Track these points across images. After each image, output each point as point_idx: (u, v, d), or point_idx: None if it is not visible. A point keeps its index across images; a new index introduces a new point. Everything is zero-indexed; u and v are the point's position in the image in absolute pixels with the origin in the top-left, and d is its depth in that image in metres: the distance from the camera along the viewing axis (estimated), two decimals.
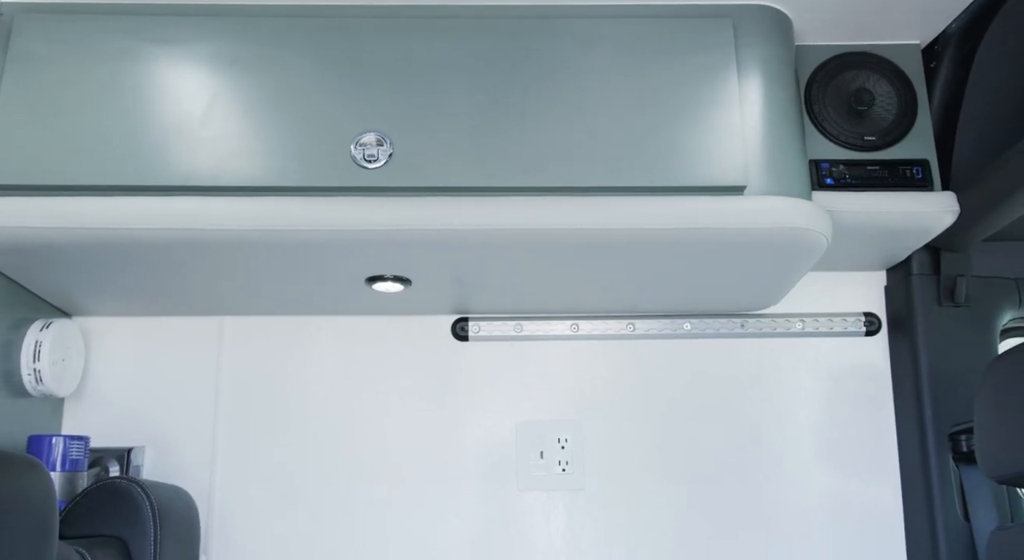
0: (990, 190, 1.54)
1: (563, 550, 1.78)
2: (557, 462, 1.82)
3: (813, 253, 1.53)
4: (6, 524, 0.92)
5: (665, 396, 1.86)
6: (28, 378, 1.65)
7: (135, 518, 1.36)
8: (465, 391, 1.86)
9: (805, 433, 1.83)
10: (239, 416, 1.84)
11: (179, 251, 1.50)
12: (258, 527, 1.78)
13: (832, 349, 1.87)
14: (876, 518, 1.78)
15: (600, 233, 1.44)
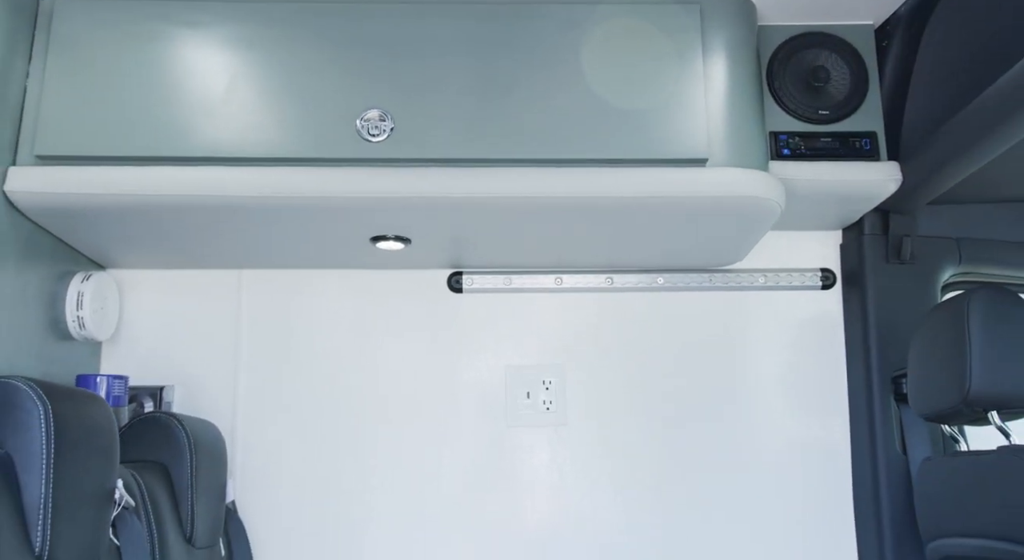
0: (932, 158, 1.70)
1: (546, 479, 1.99)
2: (542, 402, 2.02)
3: (768, 218, 1.71)
4: (82, 446, 1.14)
5: (640, 343, 2.05)
6: (72, 324, 1.85)
7: (174, 446, 1.58)
8: (459, 338, 2.05)
9: (766, 376, 2.03)
10: (258, 358, 2.03)
11: (204, 214, 1.68)
12: (277, 456, 1.99)
13: (791, 301, 2.05)
14: (827, 451, 1.98)
15: (578, 200, 1.63)
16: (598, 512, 1.97)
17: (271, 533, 1.94)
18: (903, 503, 1.83)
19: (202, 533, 1.60)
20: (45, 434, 1.09)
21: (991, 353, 1.44)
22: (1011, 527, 1.38)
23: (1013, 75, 1.39)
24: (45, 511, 1.07)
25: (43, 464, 1.08)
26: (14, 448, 1.08)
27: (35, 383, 1.13)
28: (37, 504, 1.07)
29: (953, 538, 1.55)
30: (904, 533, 1.83)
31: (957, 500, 1.54)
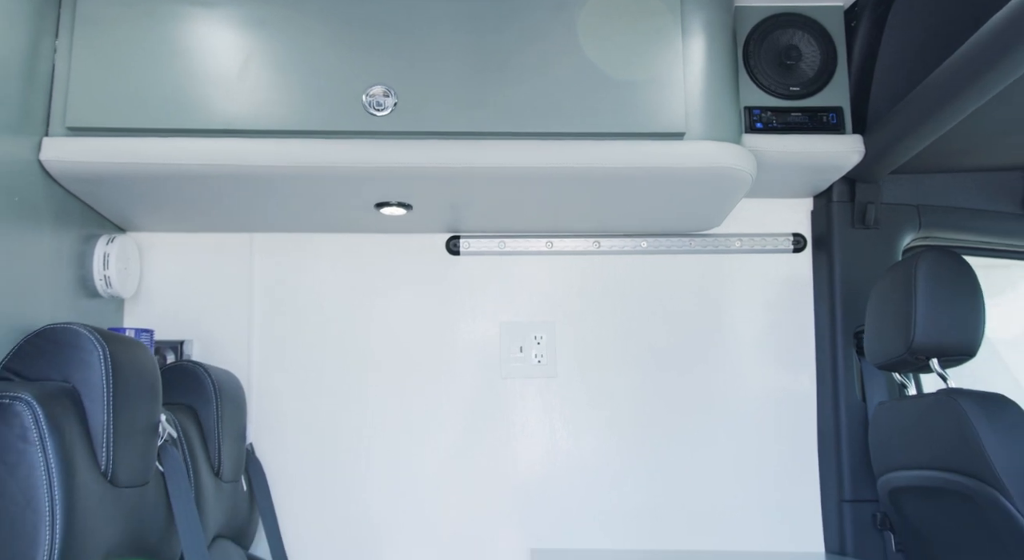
0: (893, 130, 1.84)
1: (537, 426, 2.16)
2: (534, 355, 2.19)
3: (741, 187, 1.87)
4: (133, 382, 1.30)
5: (625, 302, 2.21)
6: (100, 283, 2.00)
7: (201, 391, 1.74)
8: (457, 297, 2.21)
9: (742, 332, 2.19)
10: (269, 315, 2.19)
11: (219, 182, 1.82)
12: (288, 403, 2.15)
13: (765, 263, 2.21)
14: (795, 399, 2.15)
15: (565, 170, 1.78)
16: (585, 455, 2.15)
17: (284, 472, 2.10)
18: (860, 443, 2.01)
19: (228, 468, 1.77)
20: (104, 371, 1.25)
21: (933, 308, 1.61)
22: (946, 458, 1.56)
23: (962, 53, 1.53)
24: (107, 435, 1.23)
25: (104, 396, 1.24)
26: (79, 382, 1.24)
27: (92, 328, 1.28)
28: (101, 429, 1.23)
29: (899, 471, 1.74)
30: (860, 469, 2.01)
31: (903, 437, 1.72)
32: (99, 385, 1.25)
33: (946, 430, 1.56)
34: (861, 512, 2.00)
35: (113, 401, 1.25)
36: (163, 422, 1.44)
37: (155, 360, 1.40)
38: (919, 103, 1.72)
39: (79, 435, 1.20)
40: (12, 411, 1.13)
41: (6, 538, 1.09)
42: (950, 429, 1.54)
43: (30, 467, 1.11)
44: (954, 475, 1.55)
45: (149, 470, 1.39)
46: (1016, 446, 1.45)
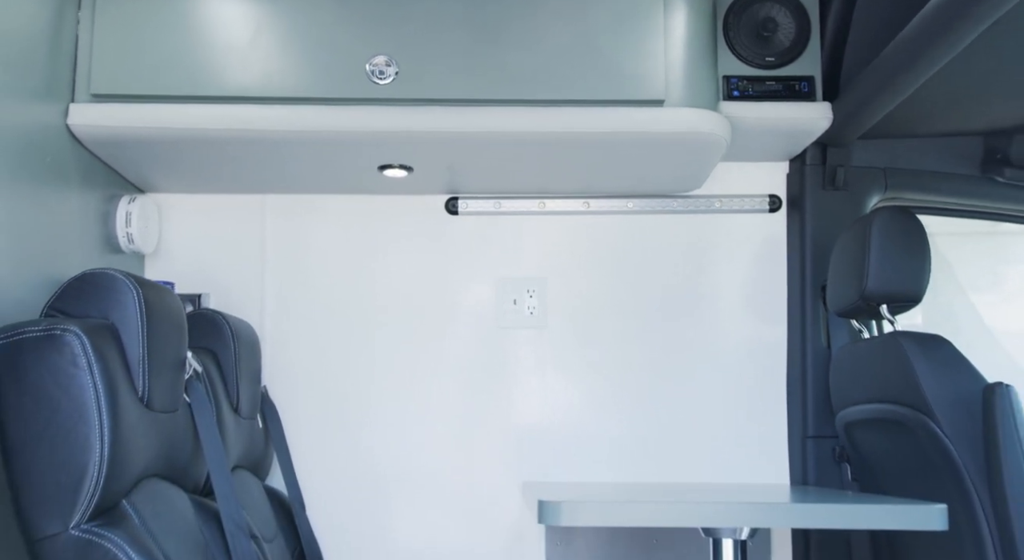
0: (859, 96, 1.98)
1: (529, 371, 2.33)
2: (527, 307, 2.35)
3: (717, 150, 2.02)
4: (164, 321, 1.47)
5: (612, 258, 2.36)
6: (123, 239, 2.16)
7: (220, 336, 1.91)
8: (455, 254, 2.37)
9: (720, 286, 2.35)
10: (280, 271, 2.35)
11: (233, 146, 1.98)
12: (297, 352, 2.31)
13: (743, 223, 2.36)
14: (768, 347, 2.31)
15: (554, 135, 1.93)
16: (573, 398, 2.31)
17: (295, 413, 2.28)
18: (823, 385, 2.18)
19: (245, 406, 1.95)
20: (139, 310, 1.41)
21: (884, 260, 1.77)
22: (890, 392, 1.73)
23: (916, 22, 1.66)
24: (143, 365, 1.40)
25: (139, 332, 1.40)
26: (117, 319, 1.40)
27: (127, 273, 1.45)
28: (137, 360, 1.40)
29: (853, 406, 1.91)
30: (822, 408, 2.18)
31: (856, 376, 1.89)
32: (134, 322, 1.42)
33: (890, 367, 1.73)
34: (822, 447, 2.18)
35: (147, 336, 1.42)
36: (189, 358, 1.61)
37: (181, 303, 1.57)
38: (880, 70, 1.86)
39: (119, 364, 1.37)
40: (63, 341, 1.29)
41: (62, 447, 1.26)
42: (893, 366, 1.71)
43: (80, 388, 1.28)
44: (896, 406, 1.72)
45: (178, 399, 1.56)
46: (946, 379, 1.62)
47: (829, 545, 2.15)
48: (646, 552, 2.24)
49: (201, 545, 1.51)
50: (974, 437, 1.58)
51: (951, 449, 1.60)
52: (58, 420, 1.28)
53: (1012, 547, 1.52)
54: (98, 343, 1.32)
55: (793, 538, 2.22)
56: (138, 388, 1.40)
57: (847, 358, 1.97)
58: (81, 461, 1.27)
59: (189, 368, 1.61)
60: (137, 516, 1.35)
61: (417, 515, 2.27)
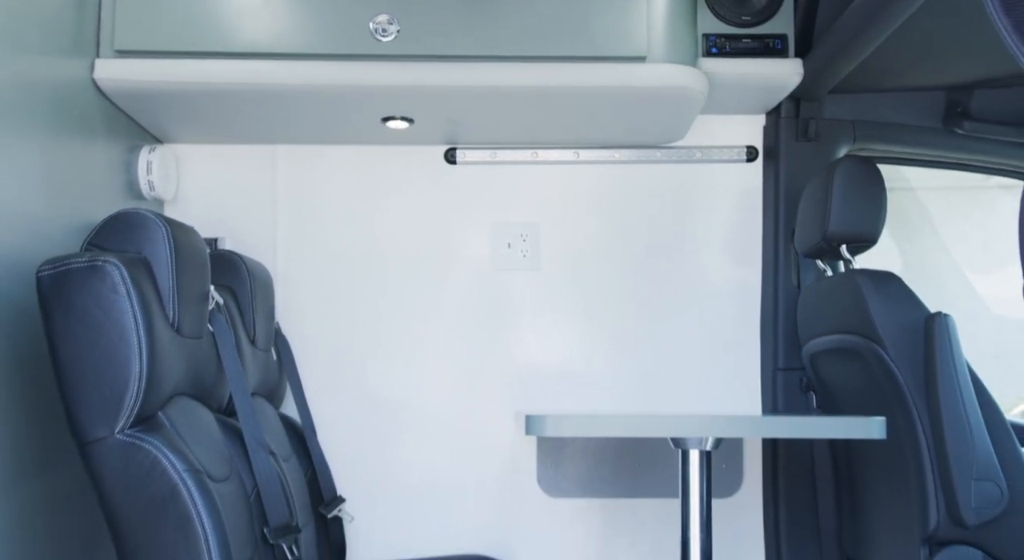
0: (826, 52, 2.13)
1: (523, 310, 2.50)
2: (520, 251, 2.52)
3: (696, 104, 2.17)
4: (189, 256, 1.64)
5: (600, 205, 2.53)
6: (144, 187, 2.32)
7: (237, 274, 2.08)
8: (454, 201, 2.53)
9: (701, 231, 2.51)
10: (291, 216, 2.52)
11: (246, 99, 2.13)
12: (307, 293, 2.49)
13: (722, 172, 2.52)
14: (743, 288, 2.49)
15: (544, 89, 2.08)
16: (564, 335, 2.50)
17: (305, 348, 2.46)
18: (793, 322, 2.36)
19: (261, 338, 2.13)
20: (168, 246, 1.59)
21: (844, 204, 1.94)
22: (846, 323, 1.91)
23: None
24: (173, 294, 1.58)
25: (168, 265, 1.58)
26: (148, 254, 1.57)
27: (156, 213, 1.62)
28: (168, 290, 1.57)
29: (816, 339, 2.09)
30: (791, 343, 2.36)
31: (819, 310, 2.07)
32: (164, 256, 1.59)
33: (847, 301, 1.90)
34: (791, 378, 2.37)
35: (176, 269, 1.59)
36: (212, 292, 1.79)
37: (203, 241, 1.74)
38: (846, 28, 2.00)
39: (152, 293, 1.54)
40: (105, 271, 1.47)
41: (106, 364, 1.45)
42: (849, 300, 1.89)
43: (121, 313, 1.46)
44: (851, 336, 1.90)
45: (203, 327, 1.74)
46: (894, 310, 1.80)
47: (795, 463, 2.36)
48: (630, 474, 2.44)
49: (226, 457, 1.71)
50: (916, 361, 1.76)
51: (896, 372, 1.78)
52: (102, 340, 1.46)
53: (944, 452, 1.71)
54: (134, 274, 1.50)
55: (763, 457, 2.43)
56: (169, 315, 1.59)
57: (812, 295, 2.15)
58: (123, 376, 1.46)
59: (212, 301, 1.79)
60: (171, 425, 1.54)
61: (419, 442, 2.46)
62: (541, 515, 2.44)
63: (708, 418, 1.59)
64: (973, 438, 1.70)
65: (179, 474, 1.45)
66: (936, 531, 1.75)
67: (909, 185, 3.52)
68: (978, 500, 1.69)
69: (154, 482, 1.44)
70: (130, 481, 1.44)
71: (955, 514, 1.71)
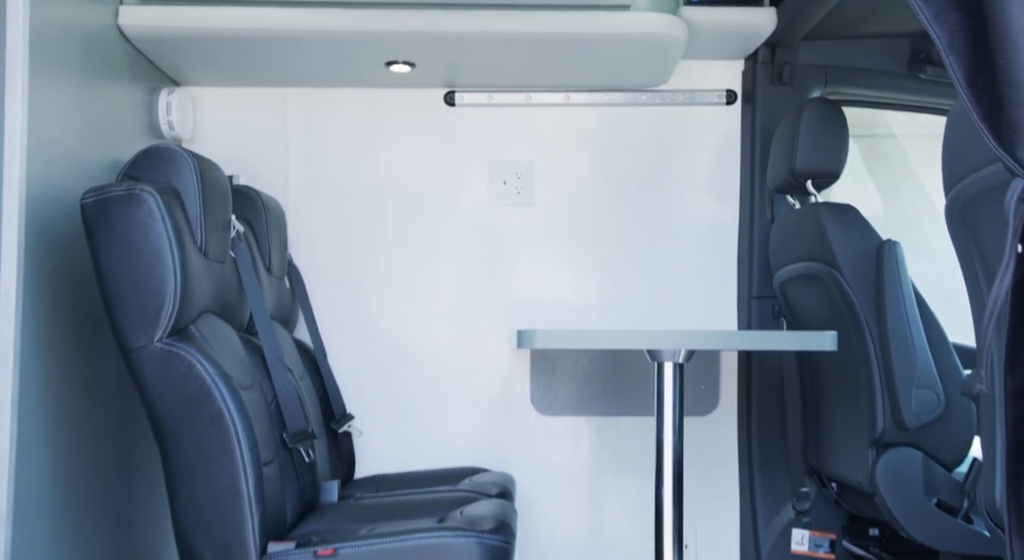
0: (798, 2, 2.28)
1: (517, 242, 2.69)
2: (515, 188, 2.70)
3: (677, 50, 2.33)
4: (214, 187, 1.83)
5: (589, 145, 2.70)
6: (164, 126, 2.49)
7: (253, 207, 2.27)
8: (453, 141, 2.70)
9: (683, 170, 2.69)
10: (300, 156, 2.69)
11: (259, 44, 2.29)
12: (316, 226, 2.68)
13: (703, 114, 2.69)
14: (722, 223, 2.67)
15: (535, 36, 2.24)
16: (555, 263, 2.69)
17: (315, 278, 2.65)
18: (766, 254, 2.55)
19: (276, 266, 2.33)
20: (195, 178, 1.77)
21: (809, 142, 2.11)
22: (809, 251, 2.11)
23: None
24: (200, 221, 1.77)
25: (196, 195, 1.76)
26: (178, 185, 1.76)
27: (184, 148, 1.80)
28: (196, 217, 1.76)
29: (784, 267, 2.28)
30: (764, 273, 2.56)
31: (787, 241, 2.26)
32: (192, 187, 1.77)
33: (810, 231, 2.09)
34: (764, 306, 2.57)
35: (202, 199, 1.78)
36: (233, 221, 1.98)
37: (225, 175, 1.93)
38: None
39: (183, 219, 1.73)
40: (141, 198, 1.66)
41: (144, 281, 1.64)
42: (812, 230, 2.08)
43: (157, 235, 1.65)
44: (814, 263, 2.09)
45: (226, 252, 1.93)
46: (850, 239, 1.99)
47: (766, 383, 2.57)
48: (615, 394, 2.65)
49: (248, 368, 1.91)
50: (868, 284, 1.96)
51: (851, 294, 1.98)
52: (140, 260, 1.65)
53: (889, 364, 1.92)
54: (168, 202, 1.69)
55: (738, 378, 2.64)
56: (197, 240, 1.78)
57: (781, 227, 2.34)
58: (160, 292, 1.65)
59: (233, 229, 1.98)
60: (202, 337, 1.74)
61: (421, 365, 2.67)
62: (534, 431, 2.66)
63: (680, 332, 1.78)
64: (915, 351, 1.90)
65: (211, 377, 1.66)
66: (882, 434, 1.96)
67: (891, 132, 3.66)
68: (918, 405, 1.90)
69: (190, 384, 1.65)
70: (169, 383, 1.65)
71: (898, 418, 1.92)
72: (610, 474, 2.66)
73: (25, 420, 1.68)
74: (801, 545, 2.46)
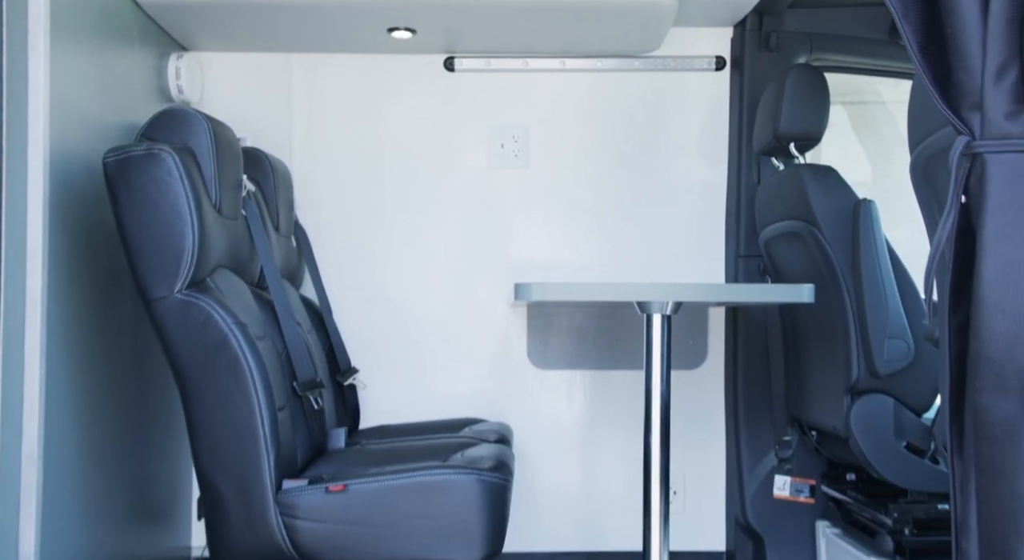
0: None
1: (513, 203, 2.79)
2: (512, 151, 2.80)
3: (668, 17, 2.42)
4: (226, 147, 1.93)
5: (584, 110, 2.80)
6: (174, 89, 2.59)
7: (261, 168, 2.37)
8: (452, 105, 2.80)
9: (674, 134, 2.79)
10: (304, 119, 2.78)
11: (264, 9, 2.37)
12: (320, 186, 2.78)
13: (694, 80, 2.78)
14: (712, 184, 2.78)
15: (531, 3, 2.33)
16: (551, 222, 2.80)
17: (319, 237, 2.76)
18: (753, 215, 2.66)
19: (283, 225, 2.44)
20: (209, 139, 1.87)
21: (793, 106, 2.22)
22: (791, 210, 2.21)
23: None
24: (215, 180, 1.87)
25: (210, 155, 1.87)
26: (193, 145, 1.86)
27: (197, 110, 1.90)
28: (211, 177, 1.87)
29: (768, 226, 2.40)
30: (751, 233, 2.67)
31: (771, 201, 2.37)
32: (207, 147, 1.88)
33: (793, 191, 2.20)
34: (751, 264, 2.68)
35: (216, 158, 1.89)
36: (244, 180, 2.08)
37: (236, 136, 2.03)
38: None
39: (198, 177, 1.84)
40: (160, 157, 1.76)
41: (165, 236, 1.75)
42: (795, 190, 2.19)
43: (175, 193, 1.76)
44: (795, 222, 2.20)
45: (239, 210, 2.04)
46: (829, 198, 2.10)
47: (751, 337, 2.69)
48: (608, 349, 2.77)
49: (261, 321, 2.03)
50: (845, 240, 2.07)
51: (829, 250, 2.09)
52: (160, 216, 1.76)
53: (863, 316, 2.03)
54: (184, 161, 1.79)
55: (725, 333, 2.76)
56: (212, 197, 1.88)
57: (766, 188, 2.45)
58: (179, 245, 1.76)
59: (244, 188, 2.08)
60: (218, 288, 1.85)
61: (422, 321, 2.79)
62: (530, 384, 2.79)
63: (667, 285, 1.89)
64: (887, 303, 2.02)
65: (228, 326, 1.77)
66: (857, 382, 2.08)
67: (881, 99, 3.75)
68: (889, 354, 2.02)
69: (208, 332, 1.77)
70: (188, 331, 1.77)
71: (871, 367, 2.04)
72: (603, 425, 2.79)
73: (52, 368, 1.80)
74: (783, 490, 2.59)
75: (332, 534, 1.75)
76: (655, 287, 1.89)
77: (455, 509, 1.77)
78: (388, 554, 1.76)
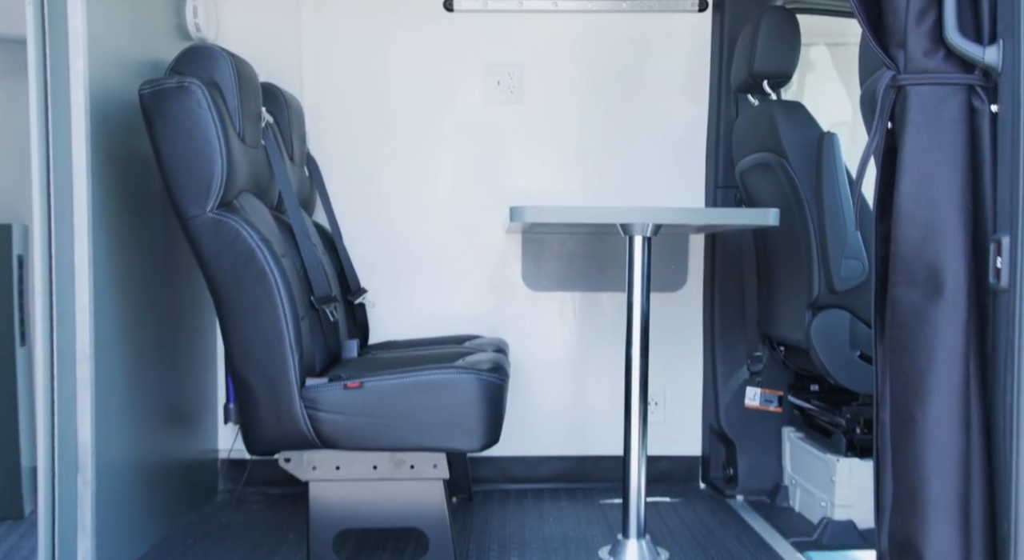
0: None
1: (510, 137, 3.00)
2: (508, 87, 2.99)
3: None
4: (248, 82, 2.12)
5: (575, 49, 2.98)
6: (192, 28, 2.76)
7: (277, 103, 2.56)
8: (452, 44, 2.98)
9: (659, 71, 2.98)
10: (313, 57, 2.96)
11: None
12: (330, 124, 2.97)
13: (678, 20, 2.96)
14: (693, 120, 2.98)
15: None
16: (544, 153, 3.00)
17: (329, 168, 2.97)
18: (731, 148, 2.87)
19: (297, 155, 2.63)
20: (232, 73, 2.06)
21: (766, 46, 2.41)
22: (762, 143, 2.42)
23: None
24: (238, 110, 2.07)
25: (234, 87, 2.06)
26: (218, 79, 2.05)
27: (221, 47, 2.09)
28: (235, 108, 2.06)
29: (743, 158, 2.61)
30: (728, 165, 2.88)
31: (746, 134, 2.58)
32: (230, 81, 2.07)
33: (764, 125, 2.41)
34: (728, 194, 2.90)
35: (239, 91, 2.08)
36: (264, 112, 2.28)
37: (255, 71, 2.22)
38: None
39: (224, 108, 2.03)
40: (191, 89, 1.96)
41: (196, 160, 1.95)
42: (766, 124, 2.39)
43: (205, 122, 1.96)
44: (767, 154, 2.41)
45: (259, 139, 2.24)
46: (797, 132, 2.30)
47: (727, 261, 2.92)
48: (597, 272, 3.00)
49: (281, 240, 2.24)
50: (811, 171, 2.28)
51: (796, 179, 2.30)
52: (192, 143, 1.96)
53: (824, 238, 2.26)
54: (211, 93, 1.99)
55: (704, 257, 2.99)
56: (236, 127, 2.08)
57: (741, 123, 2.65)
58: (210, 169, 1.97)
59: (263, 120, 2.28)
60: (244, 209, 2.06)
61: (424, 247, 3.01)
62: (524, 305, 3.02)
63: (648, 208, 2.10)
64: (846, 226, 2.24)
65: (255, 242, 1.99)
66: (817, 299, 2.31)
67: None
68: (846, 272, 2.25)
69: (237, 247, 1.98)
70: (220, 246, 1.98)
71: (830, 284, 2.27)
72: (591, 342, 3.03)
73: (98, 279, 2.01)
74: (753, 400, 2.85)
75: (350, 425, 1.99)
76: (636, 210, 2.10)
77: (458, 404, 2.01)
78: (399, 442, 2.01)
